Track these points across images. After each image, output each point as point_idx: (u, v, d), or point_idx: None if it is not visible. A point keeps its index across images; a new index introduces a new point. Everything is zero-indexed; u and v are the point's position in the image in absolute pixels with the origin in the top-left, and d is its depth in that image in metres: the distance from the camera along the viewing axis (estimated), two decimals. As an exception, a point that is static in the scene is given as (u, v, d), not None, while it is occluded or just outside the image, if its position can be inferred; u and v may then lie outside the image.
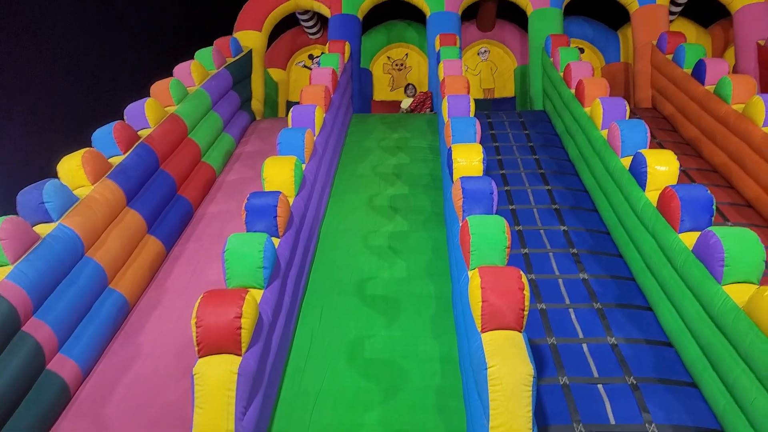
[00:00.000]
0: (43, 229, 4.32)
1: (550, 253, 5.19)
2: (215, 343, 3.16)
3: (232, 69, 8.22)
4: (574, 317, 4.45)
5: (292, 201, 4.81)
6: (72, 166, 4.88)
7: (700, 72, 7.01)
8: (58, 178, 4.84)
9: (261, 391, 3.38)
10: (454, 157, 4.97)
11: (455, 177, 4.82)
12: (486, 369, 3.00)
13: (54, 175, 4.87)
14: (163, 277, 5.25)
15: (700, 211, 4.16)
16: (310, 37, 11.14)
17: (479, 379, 3.08)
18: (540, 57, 8.95)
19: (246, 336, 3.22)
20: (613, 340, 4.21)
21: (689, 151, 7.00)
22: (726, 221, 5.53)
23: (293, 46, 11.26)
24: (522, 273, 3.38)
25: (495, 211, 4.34)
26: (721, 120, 6.36)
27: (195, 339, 3.16)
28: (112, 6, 9.02)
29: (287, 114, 6.47)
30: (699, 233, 3.96)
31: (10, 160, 7.00)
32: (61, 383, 3.91)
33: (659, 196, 4.47)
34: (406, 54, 11.09)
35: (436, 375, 3.95)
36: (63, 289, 4.18)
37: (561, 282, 4.83)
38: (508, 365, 2.99)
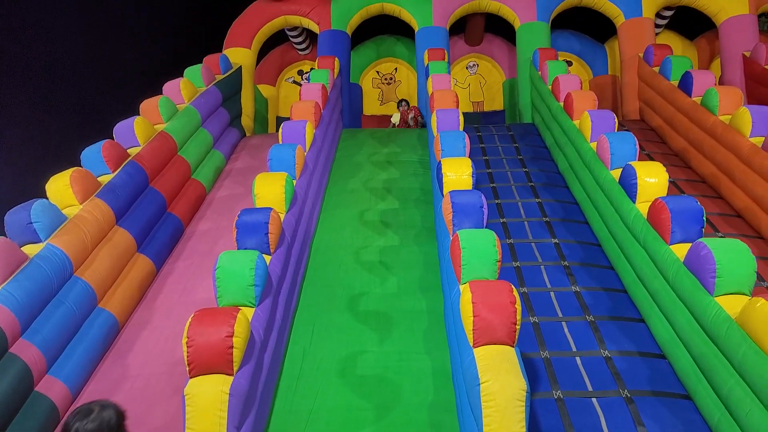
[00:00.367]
0: (32, 249, 4.29)
1: (542, 266, 5.19)
2: (206, 362, 3.13)
3: (222, 86, 8.22)
4: (566, 330, 4.44)
5: (283, 217, 4.80)
6: (60, 186, 4.85)
7: (686, 84, 7.08)
8: (47, 198, 4.80)
9: (253, 411, 3.34)
10: (443, 171, 4.98)
11: (445, 191, 4.83)
12: (479, 384, 2.99)
13: (43, 194, 4.83)
14: (153, 295, 5.20)
15: (691, 223, 4.18)
16: (300, 53, 11.20)
17: (472, 395, 3.07)
18: (528, 70, 9.02)
19: (238, 355, 3.19)
20: (606, 352, 4.20)
21: (678, 162, 7.05)
22: (716, 232, 5.56)
23: (283, 62, 11.31)
24: (513, 287, 3.38)
25: (485, 224, 4.34)
26: (708, 131, 6.42)
27: (186, 359, 3.12)
28: (108, 13, 8.99)
29: (277, 130, 6.47)
30: (690, 245, 3.97)
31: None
32: (49, 405, 3.84)
33: (649, 207, 4.49)
34: (395, 68, 11.16)
35: (429, 391, 3.92)
36: (51, 310, 4.13)
37: (553, 295, 4.83)
38: (501, 380, 2.97)
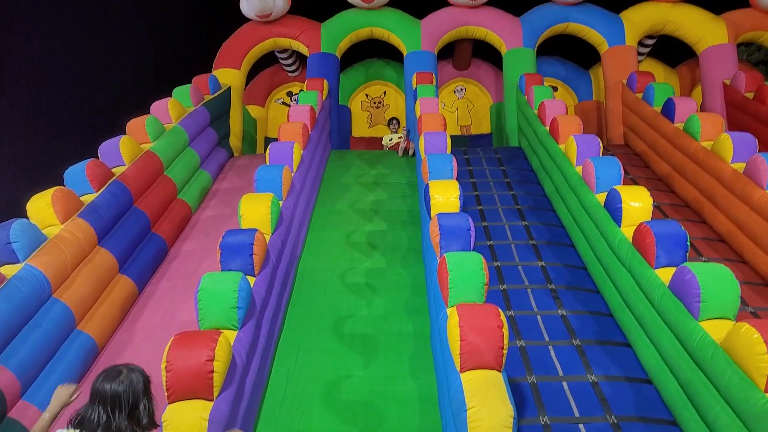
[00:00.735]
0: (10, 270, 4.20)
1: (528, 289, 5.18)
2: (186, 388, 3.06)
3: (210, 106, 8.21)
4: (553, 354, 4.41)
5: (268, 238, 4.75)
6: (42, 205, 4.77)
7: (669, 110, 7.20)
8: (28, 218, 4.72)
9: (234, 438, 3.26)
10: (431, 193, 4.98)
11: (433, 213, 4.82)
12: (465, 410, 2.95)
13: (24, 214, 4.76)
14: (134, 317, 5.10)
15: (675, 247, 4.20)
16: (289, 75, 11.25)
17: (459, 421, 3.02)
18: (515, 95, 9.12)
19: (218, 380, 3.12)
20: (593, 377, 4.17)
21: (662, 186, 7.13)
22: (700, 256, 5.60)
23: (272, 84, 11.34)
24: (500, 311, 3.36)
25: (472, 247, 4.33)
26: (691, 156, 6.51)
27: (164, 383, 3.05)
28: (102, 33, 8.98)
29: (265, 150, 6.45)
30: (674, 269, 3.98)
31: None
32: (22, 431, 3.72)
33: (634, 232, 4.51)
34: (384, 92, 11.23)
35: (415, 416, 3.86)
36: (28, 332, 4.03)
37: (540, 318, 4.81)
38: (488, 406, 2.94)
